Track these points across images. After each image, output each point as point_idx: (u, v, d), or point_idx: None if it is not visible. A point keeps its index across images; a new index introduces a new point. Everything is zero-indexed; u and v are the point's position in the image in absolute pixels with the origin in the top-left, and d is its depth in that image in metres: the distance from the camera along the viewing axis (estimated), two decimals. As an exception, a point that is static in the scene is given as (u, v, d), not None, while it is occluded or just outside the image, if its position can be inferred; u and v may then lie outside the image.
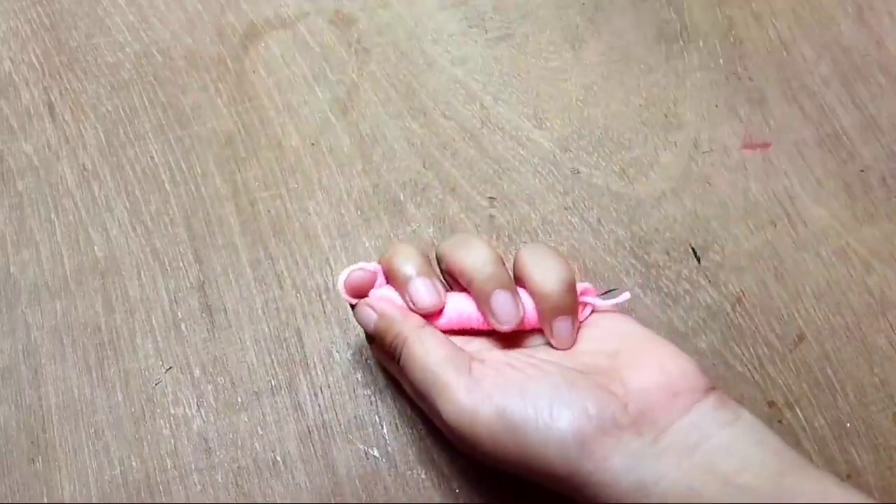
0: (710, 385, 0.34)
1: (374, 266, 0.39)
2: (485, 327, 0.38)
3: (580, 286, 0.38)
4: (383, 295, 0.38)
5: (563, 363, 0.35)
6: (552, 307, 0.36)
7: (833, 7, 0.53)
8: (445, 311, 0.38)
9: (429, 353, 0.35)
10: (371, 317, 0.37)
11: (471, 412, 0.33)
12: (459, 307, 0.38)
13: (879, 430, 0.42)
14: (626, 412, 0.32)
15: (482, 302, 0.37)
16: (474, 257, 0.37)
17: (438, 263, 0.39)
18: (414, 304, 0.37)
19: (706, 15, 0.53)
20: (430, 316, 0.38)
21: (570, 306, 0.36)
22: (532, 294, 0.37)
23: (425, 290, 0.37)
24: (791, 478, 0.31)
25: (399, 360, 0.36)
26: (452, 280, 0.39)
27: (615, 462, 0.32)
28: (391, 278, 0.38)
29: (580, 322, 0.38)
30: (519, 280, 0.38)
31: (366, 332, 0.40)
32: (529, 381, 0.33)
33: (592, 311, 0.39)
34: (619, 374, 0.34)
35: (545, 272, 0.37)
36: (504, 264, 0.37)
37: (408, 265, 0.38)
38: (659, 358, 0.35)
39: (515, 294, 0.37)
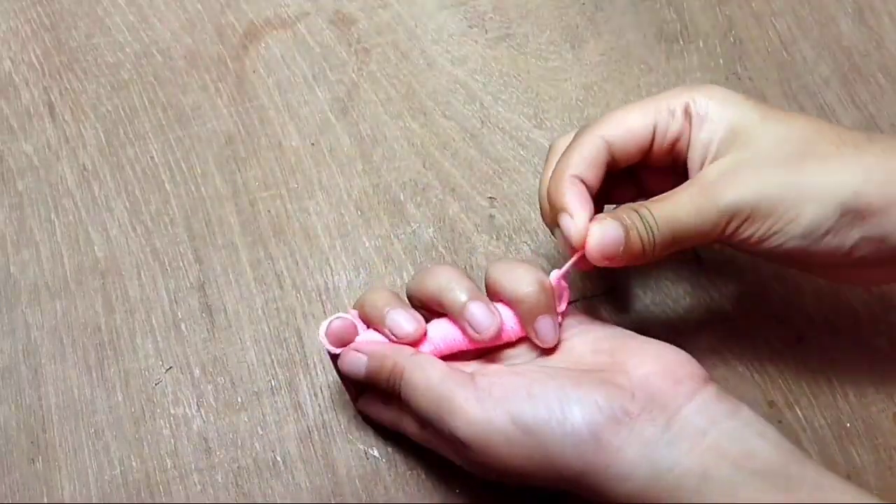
0: (707, 376, 0.35)
1: (349, 314, 0.39)
2: (472, 346, 0.37)
3: (551, 278, 0.38)
4: (366, 338, 0.38)
5: (566, 367, 0.36)
6: (530, 309, 0.36)
7: (833, 7, 0.53)
8: (430, 338, 0.37)
9: (430, 376, 0.35)
10: (360, 360, 0.37)
11: (484, 422, 0.33)
12: (443, 332, 0.38)
13: (879, 430, 0.42)
14: (634, 400, 0.33)
15: (458, 319, 0.37)
16: (438, 280, 0.37)
17: (411, 302, 0.39)
18: (396, 337, 0.37)
19: (706, 15, 0.53)
20: (415, 346, 0.37)
21: (546, 305, 0.36)
22: (508, 302, 0.37)
23: (404, 319, 0.37)
24: (795, 469, 0.31)
25: (399, 393, 0.36)
26: (428, 312, 0.39)
27: (630, 452, 0.32)
28: (368, 320, 0.38)
29: (561, 317, 0.38)
30: (495, 296, 0.38)
31: (348, 387, 0.41)
32: (535, 384, 0.34)
33: (569, 303, 0.38)
34: (622, 366, 0.34)
35: (515, 278, 0.37)
36: (469, 278, 0.38)
37: (380, 301, 0.38)
38: (656, 350, 0.35)
39: (488, 302, 0.37)
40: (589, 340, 0.37)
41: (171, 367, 0.44)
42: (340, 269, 0.46)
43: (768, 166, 0.34)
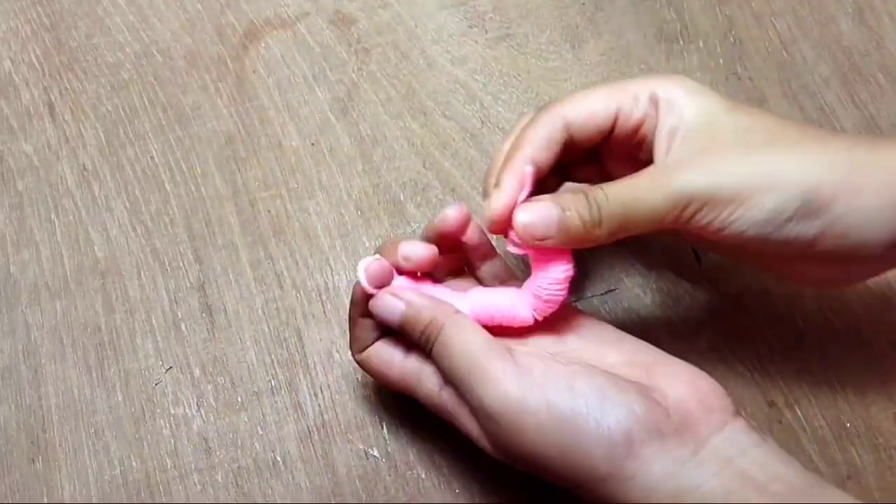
0: (736, 409, 0.35)
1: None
2: (490, 324, 0.37)
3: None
4: (403, 285, 0.37)
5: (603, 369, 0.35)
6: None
7: (833, 7, 0.53)
8: (472, 310, 0.37)
9: (469, 339, 0.34)
10: (395, 306, 0.36)
11: (518, 402, 0.32)
12: (483, 301, 0.37)
13: (879, 430, 0.42)
14: (669, 419, 0.33)
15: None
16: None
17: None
18: (409, 261, 0.37)
19: (706, 15, 0.53)
20: None
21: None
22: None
23: (417, 246, 0.37)
24: (818, 491, 0.31)
25: (431, 349, 0.35)
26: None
27: (657, 467, 0.32)
28: (385, 252, 0.38)
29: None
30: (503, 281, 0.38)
31: (357, 334, 0.39)
32: (578, 377, 0.33)
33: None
34: (657, 384, 0.34)
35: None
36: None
37: (394, 241, 0.38)
38: (689, 375, 0.35)
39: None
40: (623, 351, 0.37)
41: (171, 367, 0.44)
42: (340, 269, 0.46)
43: (732, 153, 0.34)
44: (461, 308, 0.36)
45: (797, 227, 0.33)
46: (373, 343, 0.38)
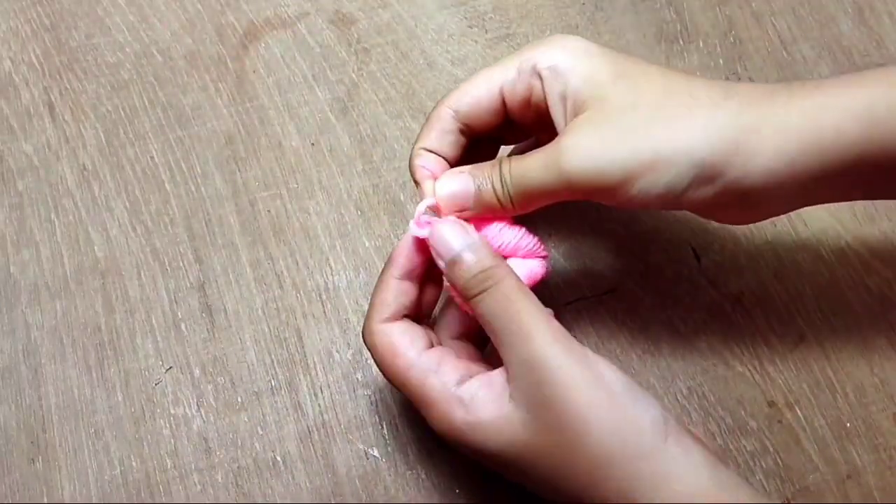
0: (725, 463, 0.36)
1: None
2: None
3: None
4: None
5: None
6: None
7: (833, 7, 0.53)
8: None
9: (530, 300, 0.34)
10: (461, 238, 0.35)
11: (576, 357, 0.32)
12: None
13: (879, 430, 0.42)
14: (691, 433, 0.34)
15: None
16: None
17: None
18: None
19: (706, 15, 0.53)
20: None
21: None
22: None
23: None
24: None
25: (479, 295, 0.34)
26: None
27: (698, 457, 0.32)
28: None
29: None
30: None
31: (379, 316, 0.36)
32: (620, 369, 0.33)
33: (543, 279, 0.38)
34: None
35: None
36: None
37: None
38: None
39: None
40: None
41: (171, 367, 0.44)
42: (340, 269, 0.46)
43: (619, 131, 0.34)
44: None
45: (696, 192, 0.34)
46: (398, 318, 0.36)
